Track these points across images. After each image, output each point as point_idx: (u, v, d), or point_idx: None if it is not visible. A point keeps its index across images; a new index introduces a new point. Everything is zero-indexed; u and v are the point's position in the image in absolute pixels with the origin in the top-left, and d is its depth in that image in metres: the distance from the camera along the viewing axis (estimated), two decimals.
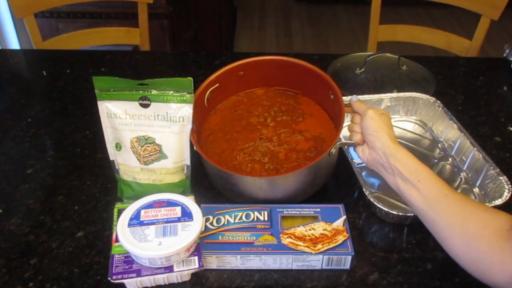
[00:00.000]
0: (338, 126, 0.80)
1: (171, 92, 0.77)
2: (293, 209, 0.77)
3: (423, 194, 0.65)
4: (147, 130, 0.79)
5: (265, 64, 0.92)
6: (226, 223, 0.74)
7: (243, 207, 0.77)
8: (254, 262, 0.72)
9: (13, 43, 2.03)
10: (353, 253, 0.71)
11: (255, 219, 0.75)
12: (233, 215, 0.75)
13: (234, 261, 0.72)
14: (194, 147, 0.79)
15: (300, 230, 0.73)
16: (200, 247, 0.71)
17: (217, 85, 0.87)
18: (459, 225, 0.62)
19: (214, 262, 0.72)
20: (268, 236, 0.73)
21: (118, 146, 0.81)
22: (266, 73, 0.93)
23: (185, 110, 0.78)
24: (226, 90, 0.91)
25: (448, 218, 0.63)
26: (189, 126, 0.79)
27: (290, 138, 0.86)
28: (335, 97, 0.84)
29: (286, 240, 0.72)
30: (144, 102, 0.78)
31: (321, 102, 0.92)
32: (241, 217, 0.75)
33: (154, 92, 0.77)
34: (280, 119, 0.89)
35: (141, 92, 0.77)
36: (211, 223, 0.74)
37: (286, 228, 0.74)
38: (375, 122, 0.72)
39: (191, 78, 0.76)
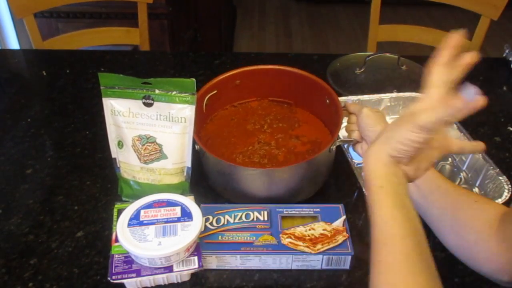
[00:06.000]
0: (336, 125, 0.80)
1: (174, 92, 0.77)
2: (292, 209, 0.77)
3: (418, 186, 0.66)
4: (149, 129, 0.79)
5: (262, 73, 0.93)
6: (226, 223, 0.74)
7: (243, 207, 0.77)
8: (254, 262, 0.72)
9: (13, 43, 2.03)
10: (353, 253, 0.70)
11: (255, 219, 0.75)
12: (232, 215, 0.75)
13: (233, 261, 0.71)
14: (196, 146, 0.80)
15: (299, 230, 0.73)
16: (200, 247, 0.70)
17: (215, 91, 0.88)
18: (450, 216, 0.63)
19: (214, 262, 0.71)
20: (268, 236, 0.73)
21: (120, 144, 0.81)
22: (262, 82, 0.94)
23: (187, 111, 0.78)
24: (223, 98, 0.92)
25: (440, 209, 0.64)
26: (190, 127, 0.79)
27: (287, 142, 0.87)
28: (331, 100, 0.86)
29: (285, 240, 0.72)
30: (148, 101, 0.78)
31: (316, 111, 0.93)
32: (240, 217, 0.75)
33: (157, 91, 0.77)
34: (276, 126, 0.91)
35: (145, 91, 0.77)
36: (211, 223, 0.74)
37: (286, 228, 0.74)
38: (370, 118, 0.74)
39: (193, 79, 0.76)
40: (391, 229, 0.50)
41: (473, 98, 0.46)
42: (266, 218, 0.75)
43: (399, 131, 0.52)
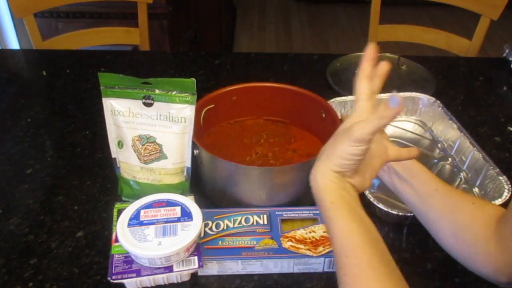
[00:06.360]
0: (334, 131, 0.81)
1: (175, 92, 0.77)
2: (292, 212, 0.77)
3: (416, 189, 0.67)
4: (149, 129, 0.79)
5: (258, 90, 0.94)
6: (225, 227, 0.74)
7: (242, 211, 0.76)
8: (255, 266, 0.71)
9: (13, 43, 2.03)
10: None
11: (255, 223, 0.75)
12: (232, 219, 0.75)
13: (235, 266, 0.71)
14: (195, 151, 0.80)
15: (300, 233, 0.73)
16: (200, 247, 0.70)
17: (213, 105, 0.89)
18: (448, 218, 0.64)
19: (215, 268, 0.71)
20: (269, 240, 0.72)
21: (120, 144, 0.81)
22: (258, 99, 0.96)
23: (187, 111, 0.78)
24: (219, 113, 0.93)
25: (438, 211, 0.65)
26: (190, 127, 0.79)
27: (284, 154, 0.89)
28: (327, 113, 0.87)
29: (287, 244, 0.71)
30: (148, 101, 0.78)
31: (311, 128, 0.94)
32: (240, 221, 0.75)
33: (157, 91, 0.77)
34: (272, 140, 0.92)
35: (145, 91, 0.77)
36: (210, 228, 0.74)
37: (286, 231, 0.73)
38: None
39: (194, 79, 0.76)
40: (350, 241, 0.50)
41: (398, 105, 0.51)
42: (266, 222, 0.75)
43: (338, 147, 0.53)
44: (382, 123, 0.52)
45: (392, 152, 0.61)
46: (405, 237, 0.79)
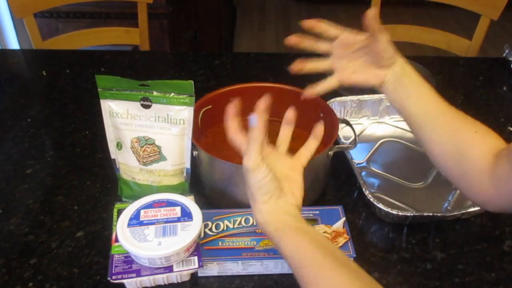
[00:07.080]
0: (332, 135, 0.81)
1: (172, 94, 0.77)
2: None
3: (425, 112, 0.67)
4: (148, 131, 0.79)
5: (255, 90, 0.93)
6: (225, 228, 0.74)
7: (242, 212, 0.76)
8: (256, 267, 0.71)
9: (13, 43, 2.03)
10: (354, 255, 0.70)
11: (255, 223, 0.74)
12: (232, 220, 0.75)
13: (235, 267, 0.71)
14: (194, 153, 0.80)
15: None
16: (200, 247, 0.70)
17: (210, 106, 0.89)
18: (451, 143, 0.64)
19: (215, 268, 0.71)
20: (269, 240, 0.72)
21: (119, 145, 0.81)
22: (255, 99, 0.94)
23: (186, 113, 0.78)
24: (217, 114, 0.92)
25: (442, 135, 0.65)
26: (189, 129, 0.79)
27: None
28: (325, 112, 0.87)
29: None
30: (146, 103, 0.78)
31: (309, 128, 0.93)
32: (240, 222, 0.75)
33: (155, 93, 0.77)
34: (270, 140, 0.91)
35: (142, 92, 0.77)
36: (210, 229, 0.74)
37: None
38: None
39: (192, 81, 0.76)
40: (300, 253, 0.55)
41: (256, 122, 0.62)
42: None
43: (249, 184, 0.59)
44: (256, 143, 0.60)
45: (304, 158, 0.69)
46: (405, 237, 0.79)
